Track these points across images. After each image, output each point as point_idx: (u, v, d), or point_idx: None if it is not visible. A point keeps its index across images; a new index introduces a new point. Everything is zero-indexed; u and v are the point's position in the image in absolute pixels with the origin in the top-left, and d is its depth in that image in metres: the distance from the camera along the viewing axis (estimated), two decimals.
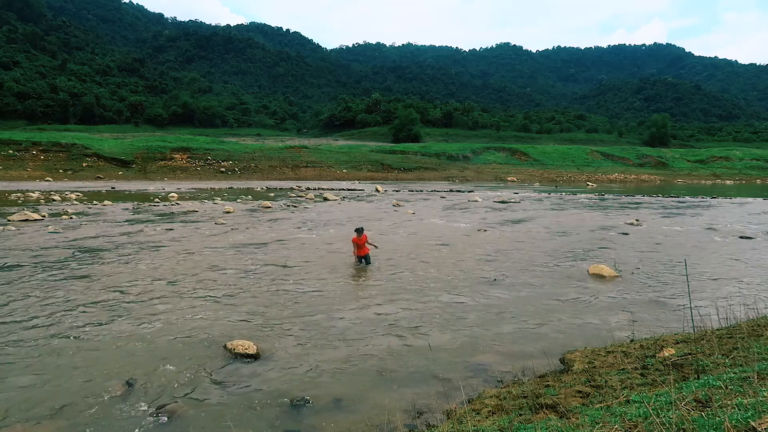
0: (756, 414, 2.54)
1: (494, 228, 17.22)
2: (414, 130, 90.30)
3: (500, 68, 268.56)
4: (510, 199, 29.71)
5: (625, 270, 10.42)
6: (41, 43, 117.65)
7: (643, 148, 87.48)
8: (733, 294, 8.57)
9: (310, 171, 56.41)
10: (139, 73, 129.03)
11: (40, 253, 11.58)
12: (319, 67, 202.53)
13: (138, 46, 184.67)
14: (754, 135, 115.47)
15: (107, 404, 4.67)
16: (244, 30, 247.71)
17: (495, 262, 11.29)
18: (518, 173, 63.87)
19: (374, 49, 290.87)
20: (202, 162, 53.69)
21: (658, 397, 3.15)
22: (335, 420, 4.44)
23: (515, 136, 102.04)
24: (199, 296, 8.25)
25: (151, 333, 6.51)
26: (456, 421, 3.74)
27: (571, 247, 13.35)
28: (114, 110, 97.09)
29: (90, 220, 18.08)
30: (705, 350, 4.60)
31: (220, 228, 16.28)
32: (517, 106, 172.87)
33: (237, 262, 11.01)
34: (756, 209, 25.25)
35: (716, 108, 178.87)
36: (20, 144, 48.73)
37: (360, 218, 19.81)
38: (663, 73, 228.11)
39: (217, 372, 5.39)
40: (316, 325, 6.93)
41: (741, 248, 13.38)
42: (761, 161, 79.96)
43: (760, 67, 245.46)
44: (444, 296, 8.46)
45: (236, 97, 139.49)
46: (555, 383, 4.41)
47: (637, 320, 7.06)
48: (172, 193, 30.50)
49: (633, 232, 16.26)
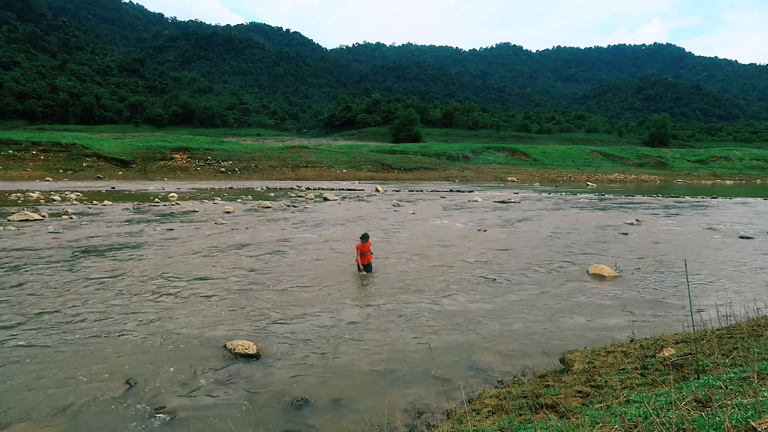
0: (756, 414, 2.54)
1: (494, 228, 17.22)
2: (414, 130, 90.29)
3: (500, 68, 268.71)
4: (510, 199, 29.70)
5: (625, 270, 10.42)
6: (41, 43, 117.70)
7: (643, 148, 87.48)
8: (733, 294, 8.57)
9: (310, 171, 56.39)
10: (139, 73, 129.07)
11: (40, 253, 11.58)
12: (319, 67, 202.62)
13: (138, 46, 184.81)
14: (754, 135, 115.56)
15: (107, 404, 4.67)
16: (244, 30, 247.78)
17: (495, 262, 11.29)
18: (518, 173, 63.87)
19: (374, 49, 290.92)
20: (202, 162, 53.68)
21: (658, 397, 3.15)
22: (335, 420, 4.44)
23: (515, 136, 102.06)
24: (199, 296, 8.25)
25: (151, 333, 6.51)
26: (456, 421, 3.74)
27: (571, 247, 13.35)
28: (114, 110, 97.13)
29: (90, 220, 18.07)
30: (705, 350, 4.60)
31: (220, 228, 16.28)
32: (517, 106, 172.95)
33: (237, 262, 11.01)
34: (756, 209, 25.25)
35: (716, 108, 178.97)
36: (20, 144, 48.71)
37: (360, 218, 19.81)
38: (663, 73, 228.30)
39: (217, 372, 5.39)
40: (316, 325, 6.93)
41: (741, 248, 13.38)
42: (761, 161, 79.99)
43: (760, 67, 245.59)
44: (444, 296, 8.46)
45: (236, 97, 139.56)
46: (555, 383, 4.41)
47: (637, 320, 7.06)
48: (172, 193, 30.49)
49: (633, 232, 16.26)
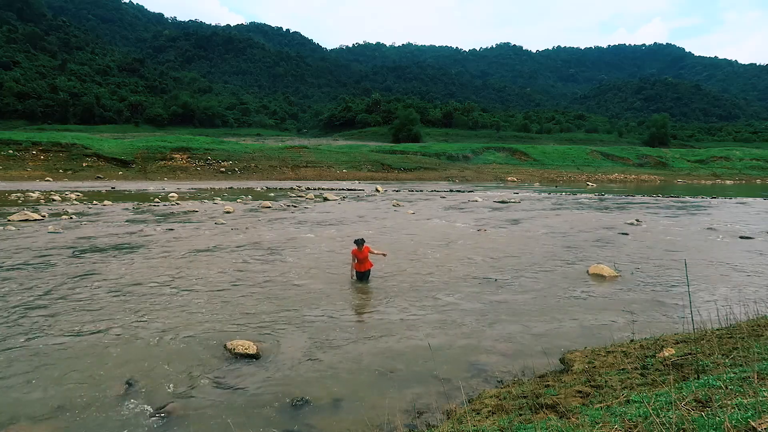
0: (756, 414, 2.54)
1: (494, 228, 17.22)
2: (414, 130, 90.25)
3: (500, 68, 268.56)
4: (510, 199, 29.70)
5: (625, 270, 10.42)
6: (41, 43, 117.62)
7: (643, 148, 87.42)
8: (733, 294, 8.57)
9: (310, 171, 56.37)
10: (139, 73, 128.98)
11: (40, 253, 11.58)
12: (319, 67, 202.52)
13: (138, 46, 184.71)
14: (754, 135, 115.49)
15: (107, 404, 4.67)
16: (244, 30, 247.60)
17: (495, 262, 11.28)
18: (518, 173, 63.85)
19: (374, 49, 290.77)
20: (202, 162, 53.66)
21: (658, 397, 3.15)
22: (335, 420, 4.44)
23: (515, 136, 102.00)
24: (199, 296, 8.25)
25: (151, 333, 6.50)
26: (456, 421, 3.74)
27: (571, 247, 13.35)
28: (114, 110, 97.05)
29: (90, 220, 18.07)
30: (705, 350, 4.60)
31: (220, 228, 16.28)
32: (517, 106, 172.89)
33: (237, 262, 11.01)
34: (756, 209, 25.25)
35: (716, 108, 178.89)
36: (20, 144, 48.67)
37: (360, 218, 19.81)
38: (663, 73, 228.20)
39: (217, 372, 5.39)
40: (316, 325, 6.93)
41: (741, 248, 13.38)
42: (761, 161, 79.94)
43: (760, 67, 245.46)
44: (444, 296, 8.46)
45: (236, 97, 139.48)
46: (555, 383, 4.41)
47: (637, 320, 7.06)
48: (172, 193, 30.49)
49: (633, 232, 16.26)
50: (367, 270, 9.20)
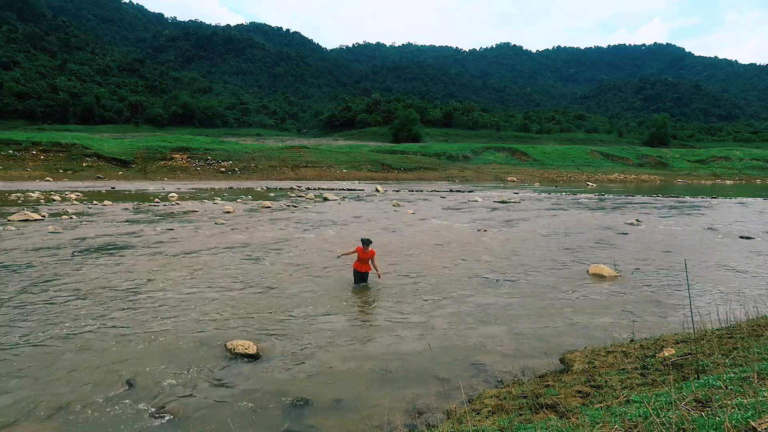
0: (756, 414, 2.54)
1: (494, 228, 17.22)
2: (414, 130, 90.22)
3: (500, 68, 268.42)
4: (510, 199, 29.70)
5: (625, 270, 10.43)
6: (41, 43, 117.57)
7: (643, 148, 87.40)
8: (733, 294, 8.57)
9: (310, 171, 56.36)
10: (139, 73, 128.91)
11: (40, 254, 11.58)
12: (319, 67, 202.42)
13: (138, 46, 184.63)
14: (754, 135, 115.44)
15: (108, 404, 4.67)
16: (244, 30, 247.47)
17: (495, 262, 11.29)
18: (518, 173, 63.84)
19: (374, 49, 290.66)
20: (202, 162, 53.64)
21: (658, 397, 3.15)
22: (335, 420, 4.44)
23: (515, 136, 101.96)
24: (199, 296, 8.25)
25: (151, 333, 6.51)
26: (456, 421, 3.74)
27: (571, 247, 13.35)
28: (114, 110, 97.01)
29: (90, 220, 18.07)
30: (705, 350, 4.60)
31: (220, 228, 16.28)
32: (517, 106, 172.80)
33: (237, 262, 11.01)
34: (756, 209, 25.26)
35: (716, 108, 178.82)
36: (20, 144, 48.65)
37: (360, 218, 19.81)
38: (663, 73, 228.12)
39: (217, 372, 5.39)
40: (316, 325, 6.93)
41: (741, 248, 13.39)
42: (761, 161, 79.93)
43: (760, 67, 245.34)
44: (444, 296, 8.46)
45: (236, 97, 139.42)
46: (555, 383, 4.41)
47: (637, 320, 7.06)
48: (172, 193, 30.48)
49: (633, 232, 16.27)
50: (366, 272, 9.13)
